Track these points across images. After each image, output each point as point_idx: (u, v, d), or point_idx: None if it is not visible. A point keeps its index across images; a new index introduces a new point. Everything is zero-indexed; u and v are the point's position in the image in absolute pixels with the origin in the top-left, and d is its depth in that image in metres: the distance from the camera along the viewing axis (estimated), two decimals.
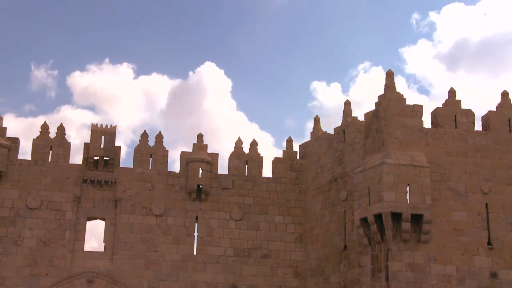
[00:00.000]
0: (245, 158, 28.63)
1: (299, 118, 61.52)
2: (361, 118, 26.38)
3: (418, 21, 62.93)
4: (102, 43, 59.83)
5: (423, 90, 60.49)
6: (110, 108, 58.84)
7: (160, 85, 60.33)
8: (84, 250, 26.36)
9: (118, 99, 59.55)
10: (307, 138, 29.48)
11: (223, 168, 28.41)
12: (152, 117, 58.90)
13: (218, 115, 59.08)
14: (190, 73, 60.25)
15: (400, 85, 56.35)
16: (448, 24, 61.56)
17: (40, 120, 55.21)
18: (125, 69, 60.09)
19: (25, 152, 28.00)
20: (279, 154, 29.06)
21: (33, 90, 57.97)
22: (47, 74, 58.47)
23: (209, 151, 28.20)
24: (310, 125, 57.29)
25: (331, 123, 58.76)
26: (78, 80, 58.95)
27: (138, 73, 60.91)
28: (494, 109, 25.46)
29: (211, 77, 59.19)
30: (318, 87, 61.43)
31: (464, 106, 25.19)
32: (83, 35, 58.52)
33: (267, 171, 28.80)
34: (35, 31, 57.31)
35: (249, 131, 56.31)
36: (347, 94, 61.26)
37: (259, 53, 61.81)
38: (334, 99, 60.69)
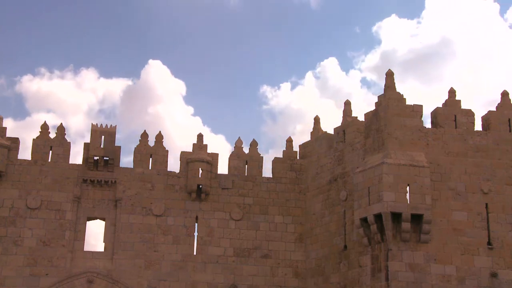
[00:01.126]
0: (245, 158, 28.63)
1: (251, 120, 62.46)
2: (361, 118, 26.41)
3: (359, 33, 65.39)
4: (66, 49, 60.86)
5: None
6: (68, 112, 59.51)
7: (113, 88, 61.67)
8: (84, 250, 26.36)
9: (75, 103, 60.29)
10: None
11: (223, 168, 28.50)
12: (106, 121, 59.37)
13: (169, 118, 59.78)
14: (140, 74, 61.20)
15: (355, 84, 59.14)
16: (386, 36, 63.78)
17: (7, 123, 55.90)
18: (87, 73, 61.05)
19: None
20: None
21: None
22: (7, 81, 59.19)
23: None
24: (264, 128, 58.01)
25: (285, 124, 60.49)
26: (30, 84, 59.78)
27: (99, 75, 61.90)
28: (494, 109, 25.48)
29: (162, 80, 60.09)
30: (268, 90, 62.79)
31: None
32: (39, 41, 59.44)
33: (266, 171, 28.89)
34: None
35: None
36: (296, 95, 62.59)
37: (213, 56, 63.16)
38: (284, 100, 62.11)
